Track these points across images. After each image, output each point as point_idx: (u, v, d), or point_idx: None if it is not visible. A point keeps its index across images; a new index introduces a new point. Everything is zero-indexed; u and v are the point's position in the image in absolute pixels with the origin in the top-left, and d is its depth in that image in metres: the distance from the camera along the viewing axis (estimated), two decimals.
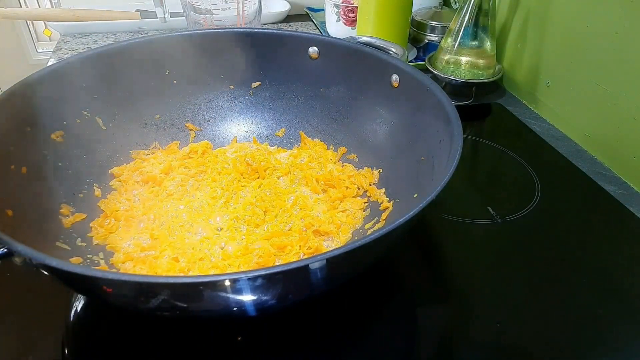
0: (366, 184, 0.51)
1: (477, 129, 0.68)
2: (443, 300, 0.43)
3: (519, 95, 0.75)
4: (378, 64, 0.52)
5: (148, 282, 0.29)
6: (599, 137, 0.61)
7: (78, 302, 0.41)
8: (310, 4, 1.03)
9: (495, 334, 0.39)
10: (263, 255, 0.42)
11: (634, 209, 0.53)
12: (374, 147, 0.53)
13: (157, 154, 0.55)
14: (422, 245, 0.48)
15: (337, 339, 0.39)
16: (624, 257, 0.47)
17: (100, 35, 0.88)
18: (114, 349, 0.38)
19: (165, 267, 0.42)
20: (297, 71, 0.57)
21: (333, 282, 0.35)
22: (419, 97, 0.47)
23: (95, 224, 0.45)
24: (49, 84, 0.46)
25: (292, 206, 0.49)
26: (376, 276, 0.44)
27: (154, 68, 0.55)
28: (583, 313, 0.41)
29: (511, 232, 0.50)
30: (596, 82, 0.60)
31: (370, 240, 0.30)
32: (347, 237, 0.46)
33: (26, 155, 0.43)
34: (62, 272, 0.28)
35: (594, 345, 0.39)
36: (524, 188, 0.55)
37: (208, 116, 0.58)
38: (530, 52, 0.71)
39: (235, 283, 0.28)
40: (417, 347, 0.39)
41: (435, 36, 0.82)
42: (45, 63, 0.64)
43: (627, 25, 0.55)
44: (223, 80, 0.58)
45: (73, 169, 0.47)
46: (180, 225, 0.46)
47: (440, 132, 0.42)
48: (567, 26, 0.63)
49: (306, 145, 0.57)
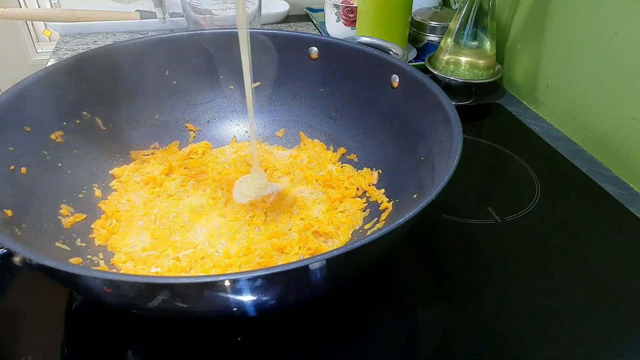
0: (365, 184, 0.51)
1: (477, 129, 0.68)
2: (443, 300, 0.43)
3: (519, 95, 0.75)
4: (378, 64, 0.52)
5: (147, 282, 0.29)
6: (599, 137, 0.61)
7: (78, 302, 0.40)
8: (309, 4, 1.03)
9: (495, 334, 0.39)
10: (264, 255, 0.42)
11: (634, 209, 0.53)
12: (374, 147, 0.53)
13: (157, 155, 0.55)
14: (422, 245, 0.48)
15: (337, 339, 0.39)
16: (624, 258, 0.47)
17: (100, 36, 0.88)
18: (114, 349, 0.38)
19: (166, 267, 0.42)
20: (296, 71, 0.57)
21: (333, 283, 0.35)
22: (419, 97, 0.47)
23: (97, 225, 0.45)
24: (48, 84, 0.46)
25: (291, 206, 0.49)
26: (376, 276, 0.43)
27: (153, 68, 0.55)
28: (583, 313, 0.41)
29: (511, 232, 0.50)
30: (596, 82, 0.60)
31: (370, 241, 0.30)
32: (347, 238, 0.46)
33: (26, 156, 0.43)
34: (61, 272, 0.28)
35: (594, 345, 0.39)
36: (524, 188, 0.55)
37: (208, 116, 0.58)
38: (530, 52, 0.71)
39: (235, 283, 0.28)
40: (417, 347, 0.39)
41: (435, 36, 0.82)
42: (45, 63, 0.64)
43: (627, 25, 0.55)
44: (223, 81, 0.58)
45: (73, 170, 0.47)
46: (181, 226, 0.46)
47: (440, 133, 0.42)
48: (567, 26, 0.63)
49: (306, 145, 0.57)
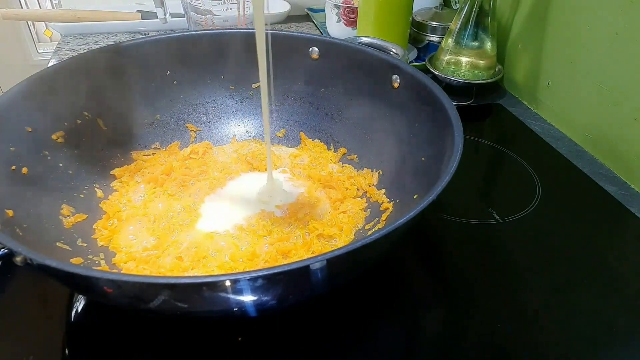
0: (366, 185, 0.51)
1: (477, 129, 0.68)
2: (443, 301, 0.43)
3: (520, 95, 0.75)
4: (378, 65, 0.52)
5: (148, 282, 0.29)
6: (599, 137, 0.61)
7: (78, 302, 0.41)
8: (310, 4, 1.03)
9: (496, 334, 0.39)
10: (269, 260, 0.42)
11: (635, 209, 0.52)
12: (375, 147, 0.53)
13: (158, 155, 0.55)
14: (422, 245, 0.48)
15: (337, 340, 0.39)
16: (624, 257, 0.47)
17: (101, 36, 0.89)
18: (114, 349, 0.38)
19: (168, 266, 0.42)
20: (297, 72, 0.57)
21: (333, 283, 0.35)
22: (420, 97, 0.47)
23: (99, 225, 0.46)
24: (49, 84, 0.46)
25: (302, 220, 0.48)
26: (376, 276, 0.43)
27: (154, 68, 0.55)
28: (583, 313, 0.41)
29: (511, 232, 0.50)
30: (596, 82, 0.60)
31: (371, 241, 0.30)
32: (350, 238, 0.46)
33: (27, 156, 0.43)
34: (62, 272, 0.28)
35: (594, 344, 0.39)
36: (525, 188, 0.55)
37: (209, 117, 0.58)
38: (530, 52, 0.71)
39: (236, 284, 0.28)
40: (417, 347, 0.39)
41: (435, 37, 0.82)
42: (46, 64, 0.64)
43: (627, 25, 0.55)
44: (223, 81, 0.58)
45: (74, 170, 0.47)
46: (180, 225, 0.46)
47: (441, 133, 0.42)
48: (567, 26, 0.63)
49: (306, 145, 0.57)
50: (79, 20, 0.85)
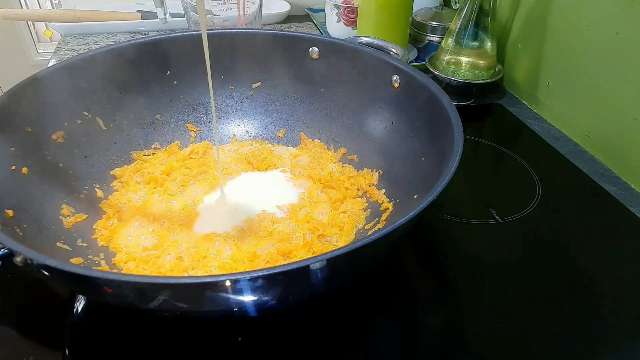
0: (366, 185, 0.51)
1: (477, 129, 0.68)
2: (443, 300, 0.43)
3: (520, 95, 0.75)
4: (378, 65, 0.52)
5: (148, 282, 0.29)
6: (599, 137, 0.61)
7: (78, 302, 0.41)
8: (310, 4, 1.03)
9: (496, 334, 0.39)
10: (270, 260, 0.42)
11: (635, 209, 0.52)
12: (375, 147, 0.53)
13: (158, 155, 0.55)
14: (422, 245, 0.48)
15: (337, 340, 0.39)
16: (624, 257, 0.47)
17: (101, 36, 0.89)
18: (114, 349, 0.38)
19: (168, 266, 0.42)
20: (297, 72, 0.57)
21: (333, 283, 0.35)
22: (420, 97, 0.47)
23: (99, 225, 0.45)
24: (49, 84, 0.46)
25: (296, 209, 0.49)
26: (376, 276, 0.43)
27: (154, 68, 0.55)
28: (583, 313, 0.41)
29: (511, 232, 0.49)
30: (596, 82, 0.60)
31: (371, 241, 0.30)
32: (351, 238, 0.46)
33: (27, 156, 0.43)
34: (62, 272, 0.28)
35: (594, 344, 0.39)
36: (525, 188, 0.55)
37: (209, 117, 0.58)
38: (530, 52, 0.71)
39: (236, 284, 0.28)
40: (418, 347, 0.39)
41: (435, 37, 0.82)
42: (46, 64, 0.64)
43: (627, 25, 0.55)
44: (223, 81, 0.58)
45: (74, 170, 0.47)
46: (179, 224, 0.46)
47: (441, 133, 0.42)
48: (568, 26, 0.63)
49: (306, 145, 0.57)
50: (79, 20, 0.85)
